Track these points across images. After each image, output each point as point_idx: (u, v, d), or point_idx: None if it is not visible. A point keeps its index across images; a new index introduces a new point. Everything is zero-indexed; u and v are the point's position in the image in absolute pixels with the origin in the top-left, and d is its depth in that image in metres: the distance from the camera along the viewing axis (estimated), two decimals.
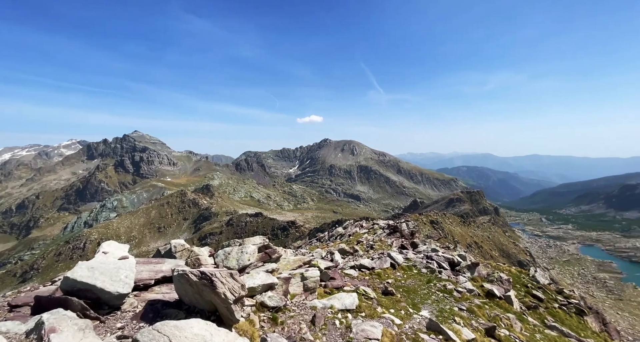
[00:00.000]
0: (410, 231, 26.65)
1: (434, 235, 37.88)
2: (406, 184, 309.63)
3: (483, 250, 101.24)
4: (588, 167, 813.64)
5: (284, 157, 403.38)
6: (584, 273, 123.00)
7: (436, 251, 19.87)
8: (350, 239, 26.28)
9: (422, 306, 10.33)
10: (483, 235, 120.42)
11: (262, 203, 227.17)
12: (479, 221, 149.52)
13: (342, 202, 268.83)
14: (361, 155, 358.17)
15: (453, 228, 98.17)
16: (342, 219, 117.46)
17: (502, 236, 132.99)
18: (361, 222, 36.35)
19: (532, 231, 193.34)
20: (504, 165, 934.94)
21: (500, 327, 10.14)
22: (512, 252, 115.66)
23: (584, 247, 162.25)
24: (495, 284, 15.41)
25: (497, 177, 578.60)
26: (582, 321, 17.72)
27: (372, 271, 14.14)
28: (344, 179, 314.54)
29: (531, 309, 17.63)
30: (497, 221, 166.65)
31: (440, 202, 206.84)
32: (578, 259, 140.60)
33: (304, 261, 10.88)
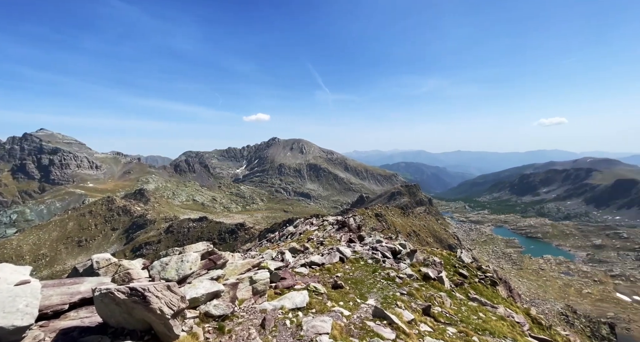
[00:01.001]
0: (357, 225, 28.06)
1: (378, 227, 40.63)
2: (353, 180, 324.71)
3: (420, 237, 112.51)
4: (498, 160, 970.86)
5: (230, 157, 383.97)
6: (496, 250, 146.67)
7: (380, 242, 21.33)
8: (301, 237, 26.46)
9: (368, 295, 10.98)
10: (420, 224, 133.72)
11: (207, 206, 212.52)
12: (416, 211, 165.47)
13: (292, 201, 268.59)
14: (310, 154, 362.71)
15: (395, 219, 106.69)
16: (293, 218, 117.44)
17: (435, 223, 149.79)
18: (311, 220, 36.88)
19: (458, 218, 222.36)
20: (435, 160, 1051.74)
21: (434, 305, 11.40)
22: (444, 237, 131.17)
23: (496, 228, 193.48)
24: (430, 268, 17.25)
25: (430, 171, 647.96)
26: (495, 290, 21.08)
27: (322, 266, 14.47)
28: (294, 178, 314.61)
29: (458, 285, 20.24)
30: (431, 210, 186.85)
31: (383, 196, 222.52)
32: (492, 238, 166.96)
33: (253, 263, 10.55)
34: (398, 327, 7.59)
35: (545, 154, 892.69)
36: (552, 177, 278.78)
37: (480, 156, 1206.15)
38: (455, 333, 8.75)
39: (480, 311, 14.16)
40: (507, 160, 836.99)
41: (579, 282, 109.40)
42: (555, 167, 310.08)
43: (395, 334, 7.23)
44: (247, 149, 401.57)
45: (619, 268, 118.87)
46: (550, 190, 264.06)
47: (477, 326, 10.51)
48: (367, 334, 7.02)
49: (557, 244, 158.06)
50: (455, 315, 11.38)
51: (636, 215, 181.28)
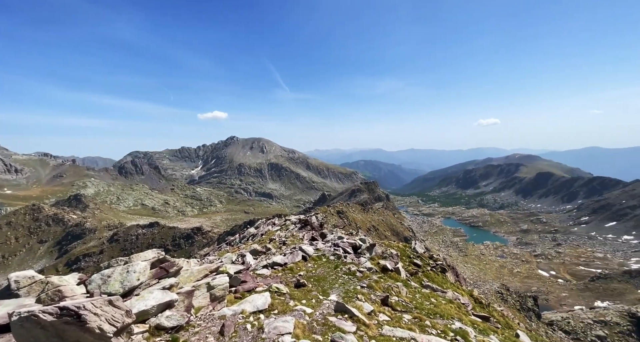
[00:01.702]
0: (319, 223, 28.39)
1: (339, 224, 41.66)
2: (315, 179, 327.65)
3: (379, 232, 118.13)
4: (446, 157, 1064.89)
5: (183, 157, 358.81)
6: (445, 240, 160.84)
7: (342, 238, 21.90)
8: (263, 238, 25.91)
9: (331, 291, 11.19)
10: (379, 219, 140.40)
11: (158, 211, 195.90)
12: (375, 207, 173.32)
13: (254, 202, 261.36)
14: (271, 153, 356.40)
15: (356, 216, 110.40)
16: (255, 219, 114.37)
17: (392, 218, 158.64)
18: (273, 220, 36.31)
19: (413, 211, 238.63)
20: (391, 158, 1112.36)
21: (392, 295, 12.08)
22: (400, 230, 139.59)
23: (445, 219, 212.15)
24: (388, 260, 18.21)
25: (387, 168, 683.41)
26: (444, 276, 23.09)
27: (285, 266, 14.36)
28: (255, 178, 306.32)
29: (413, 274, 21.72)
30: (388, 205, 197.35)
31: (344, 194, 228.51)
32: (442, 229, 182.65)
33: (211, 269, 10.03)
34: (359, 320, 7.88)
35: (484, 151, 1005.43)
36: (489, 172, 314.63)
37: (430, 154, 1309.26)
38: (410, 319, 9.38)
39: (432, 297, 15.40)
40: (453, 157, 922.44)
41: (511, 263, 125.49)
42: (492, 163, 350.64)
43: (356, 326, 7.49)
44: (203, 148, 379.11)
45: (540, 249, 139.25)
46: (488, 183, 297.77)
47: (429, 311, 11.40)
48: (329, 329, 7.16)
49: (494, 231, 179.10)
50: (411, 302, 12.21)
51: (552, 202, 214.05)
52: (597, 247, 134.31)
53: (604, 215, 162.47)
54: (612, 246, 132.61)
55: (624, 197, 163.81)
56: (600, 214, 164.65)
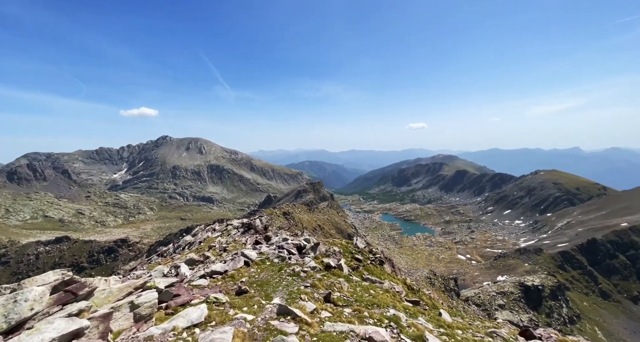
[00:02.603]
0: (264, 226, 27.72)
1: (285, 226, 41.42)
2: (260, 180, 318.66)
3: (325, 230, 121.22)
4: (383, 158, 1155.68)
5: (102, 159, 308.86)
6: (383, 234, 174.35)
7: (286, 239, 21.80)
8: (201, 246, 24.04)
9: (274, 295, 11.04)
10: (324, 218, 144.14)
11: (68, 223, 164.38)
12: (321, 206, 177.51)
13: (191, 207, 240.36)
14: (211, 154, 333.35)
15: (301, 216, 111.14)
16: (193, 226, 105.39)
17: (337, 216, 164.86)
18: (213, 226, 34.02)
19: (355, 209, 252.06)
20: (335, 159, 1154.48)
21: (334, 291, 12.53)
22: (344, 228, 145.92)
23: (384, 215, 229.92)
24: (331, 258, 18.84)
25: (331, 169, 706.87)
26: (382, 268, 24.99)
27: (225, 274, 13.59)
28: (193, 181, 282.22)
29: (355, 269, 22.90)
30: (333, 204, 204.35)
31: (290, 195, 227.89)
32: (380, 224, 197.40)
33: (136, 285, 8.85)
34: (301, 320, 7.95)
35: (415, 152, 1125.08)
36: (419, 170, 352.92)
37: (370, 154, 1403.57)
38: (350, 313, 9.88)
39: (371, 289, 16.50)
40: (389, 157, 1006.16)
41: (437, 251, 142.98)
42: (421, 162, 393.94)
43: (299, 326, 7.55)
44: (127, 149, 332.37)
45: (459, 236, 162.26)
46: (418, 181, 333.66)
47: (368, 302, 12.18)
48: (270, 333, 7.05)
49: (424, 223, 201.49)
50: (352, 296, 12.85)
51: (467, 196, 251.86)
52: (498, 231, 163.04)
53: (502, 205, 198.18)
54: (508, 230, 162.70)
55: (515, 190, 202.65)
56: (500, 204, 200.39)
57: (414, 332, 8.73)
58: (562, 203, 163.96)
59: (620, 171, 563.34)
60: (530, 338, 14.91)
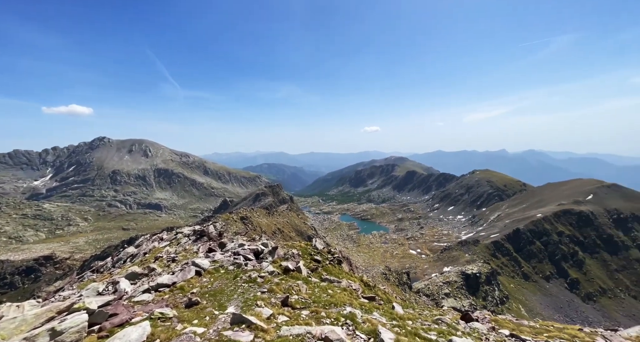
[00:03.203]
0: (218, 232, 26.31)
1: (242, 231, 39.90)
2: (215, 184, 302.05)
3: (284, 233, 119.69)
4: (341, 159, 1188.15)
5: (18, 164, 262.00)
6: (342, 234, 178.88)
7: (243, 245, 21.01)
8: (147, 258, 21.84)
9: (229, 304, 10.53)
10: (283, 221, 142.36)
11: None
12: (280, 209, 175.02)
13: (136, 215, 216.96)
14: (158, 157, 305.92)
15: (260, 220, 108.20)
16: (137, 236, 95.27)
17: (297, 218, 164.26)
18: (161, 235, 31.18)
19: (315, 210, 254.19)
20: (294, 161, 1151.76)
21: (292, 294, 12.43)
22: (304, 230, 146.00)
23: (342, 215, 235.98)
24: (290, 261, 18.67)
25: (290, 171, 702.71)
26: (340, 268, 25.59)
27: (173, 286, 12.55)
28: (137, 187, 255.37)
29: (314, 271, 23.02)
30: (292, 207, 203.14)
31: (248, 199, 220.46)
32: (339, 225, 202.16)
33: (60, 308, 7.65)
34: (257, 327, 7.72)
35: (370, 154, 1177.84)
36: (374, 172, 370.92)
37: (328, 156, 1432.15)
38: (308, 314, 9.89)
39: (329, 289, 16.76)
40: (347, 159, 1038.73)
41: (391, 248, 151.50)
42: (375, 164, 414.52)
43: (254, 334, 7.31)
44: (53, 152, 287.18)
45: (410, 232, 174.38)
46: (373, 181, 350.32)
47: (326, 303, 12.34)
48: None
49: (379, 222, 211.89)
50: (310, 298, 12.89)
51: (416, 195, 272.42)
52: (444, 226, 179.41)
53: (446, 202, 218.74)
54: (452, 225, 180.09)
55: (456, 188, 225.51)
56: (445, 201, 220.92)
57: (368, 327, 9.09)
58: (493, 199, 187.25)
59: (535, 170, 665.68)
60: (469, 321, 16.65)
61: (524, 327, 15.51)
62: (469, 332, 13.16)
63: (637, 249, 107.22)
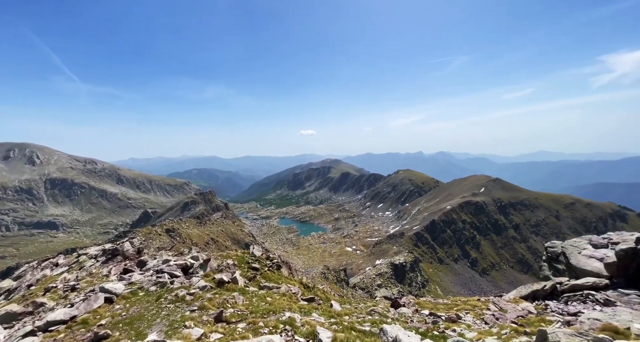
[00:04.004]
0: (136, 249, 22.82)
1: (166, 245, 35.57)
2: (132, 194, 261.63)
3: (219, 243, 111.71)
4: (278, 163, 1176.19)
5: None
6: (282, 238, 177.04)
7: (168, 261, 18.73)
8: (32, 291, 17.38)
9: (149, 330, 9.21)
10: (218, 230, 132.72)
11: None
12: (214, 218, 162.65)
13: (18, 239, 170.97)
14: (52, 165, 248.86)
15: (190, 231, 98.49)
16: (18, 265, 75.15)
17: (233, 226, 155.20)
18: (55, 259, 25.26)
19: (252, 216, 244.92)
20: (228, 165, 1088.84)
21: (227, 308, 11.63)
22: (241, 237, 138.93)
23: (281, 219, 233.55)
24: (224, 272, 17.47)
25: (224, 176, 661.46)
26: (280, 273, 25.22)
27: (73, 321, 10.29)
28: (18, 202, 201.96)
29: (252, 279, 22.09)
30: (227, 214, 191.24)
31: (175, 208, 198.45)
32: (279, 229, 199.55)
33: None
34: None
35: (307, 157, 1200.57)
36: (311, 174, 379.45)
37: (265, 160, 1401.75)
38: (244, 327, 9.40)
39: (268, 296, 16.29)
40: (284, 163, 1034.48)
41: (330, 247, 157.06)
42: (312, 166, 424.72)
43: None
44: None
45: (346, 231, 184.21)
46: (311, 184, 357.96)
47: (264, 311, 11.94)
48: None
49: (318, 223, 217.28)
50: (247, 309, 12.28)
51: (350, 194, 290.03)
52: (375, 222, 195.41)
53: (376, 200, 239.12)
54: (381, 220, 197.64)
55: (384, 187, 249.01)
56: (375, 199, 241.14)
57: (307, 329, 9.16)
58: (414, 195, 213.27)
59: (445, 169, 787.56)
60: (398, 307, 18.45)
61: (440, 305, 18.00)
62: (397, 317, 14.57)
63: (513, 229, 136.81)
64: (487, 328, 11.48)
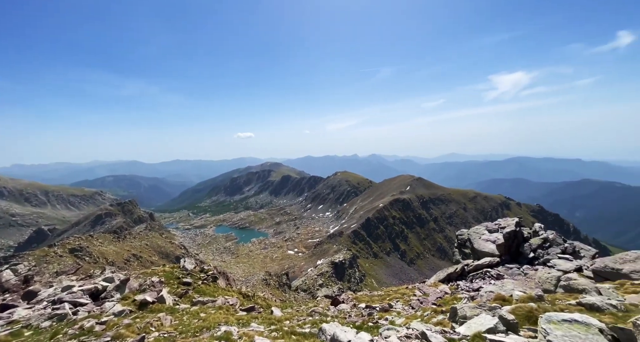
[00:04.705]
0: (21, 277, 18.20)
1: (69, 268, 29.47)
2: (17, 209, 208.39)
3: (143, 259, 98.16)
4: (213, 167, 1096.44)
5: None
6: (219, 247, 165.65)
7: (71, 287, 15.51)
8: None
9: None
10: (141, 244, 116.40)
11: None
12: (136, 231, 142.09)
13: None
14: None
15: (105, 248, 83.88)
16: None
17: (160, 239, 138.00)
18: None
19: (184, 226, 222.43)
20: (153, 171, 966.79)
21: (150, 332, 10.24)
22: (170, 251, 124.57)
23: (217, 227, 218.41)
24: (148, 292, 15.38)
25: (147, 183, 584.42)
26: (216, 285, 23.48)
27: None
28: None
29: (183, 296, 20.01)
30: (153, 226, 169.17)
31: (83, 223, 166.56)
32: (215, 238, 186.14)
33: None
34: None
35: (245, 161, 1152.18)
36: (250, 178, 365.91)
37: (198, 164, 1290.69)
38: None
39: (202, 311, 14.97)
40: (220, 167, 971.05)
41: (271, 252, 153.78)
42: (252, 170, 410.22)
43: None
44: None
45: (288, 234, 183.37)
46: (250, 188, 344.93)
47: (196, 329, 10.91)
48: None
49: (258, 228, 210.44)
50: (176, 330, 11.04)
51: (292, 197, 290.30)
52: (316, 224, 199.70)
53: (317, 201, 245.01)
54: (322, 221, 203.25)
55: (324, 188, 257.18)
56: (316, 201, 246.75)
57: (245, 341, 8.74)
58: (351, 195, 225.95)
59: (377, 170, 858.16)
60: (337, 304, 19.16)
61: (375, 297, 19.42)
62: (337, 314, 15.13)
63: (433, 221, 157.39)
64: (413, 312, 12.86)
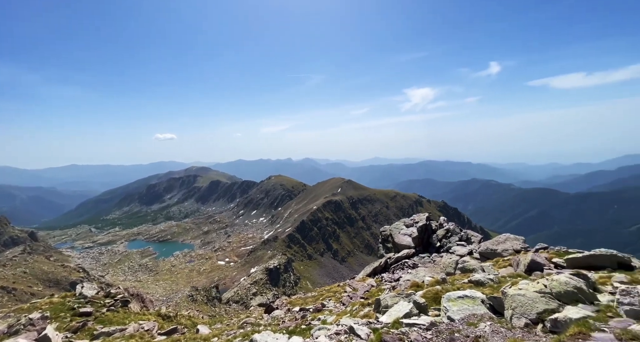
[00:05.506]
0: None
1: None
2: None
3: (18, 292, 77.17)
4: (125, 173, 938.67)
5: None
6: (132, 265, 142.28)
7: None
8: None
9: None
10: (16, 273, 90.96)
11: None
12: (6, 257, 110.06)
13: None
14: None
15: None
16: None
17: (46, 263, 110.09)
18: None
19: (83, 244, 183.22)
20: (35, 179, 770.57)
21: None
22: (62, 276, 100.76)
23: (130, 242, 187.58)
24: (21, 334, 12.10)
25: (26, 194, 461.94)
26: (127, 310, 20.12)
27: None
28: None
29: (80, 330, 16.55)
30: (35, 248, 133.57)
31: None
32: (127, 255, 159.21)
33: None
34: None
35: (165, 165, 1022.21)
36: (172, 184, 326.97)
37: (104, 170, 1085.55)
38: None
39: None
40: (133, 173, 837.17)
41: (198, 265, 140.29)
42: (173, 175, 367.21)
43: None
44: None
45: (218, 244, 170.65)
46: (172, 196, 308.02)
47: None
48: None
49: (182, 240, 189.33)
50: None
51: (222, 204, 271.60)
52: (249, 230, 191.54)
53: (250, 207, 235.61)
54: (256, 227, 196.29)
55: (257, 193, 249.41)
56: (248, 206, 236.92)
57: None
58: (286, 199, 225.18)
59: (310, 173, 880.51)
60: (271, 311, 18.76)
61: (309, 299, 19.76)
62: (270, 322, 14.79)
63: (361, 220, 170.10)
64: (343, 309, 13.59)
